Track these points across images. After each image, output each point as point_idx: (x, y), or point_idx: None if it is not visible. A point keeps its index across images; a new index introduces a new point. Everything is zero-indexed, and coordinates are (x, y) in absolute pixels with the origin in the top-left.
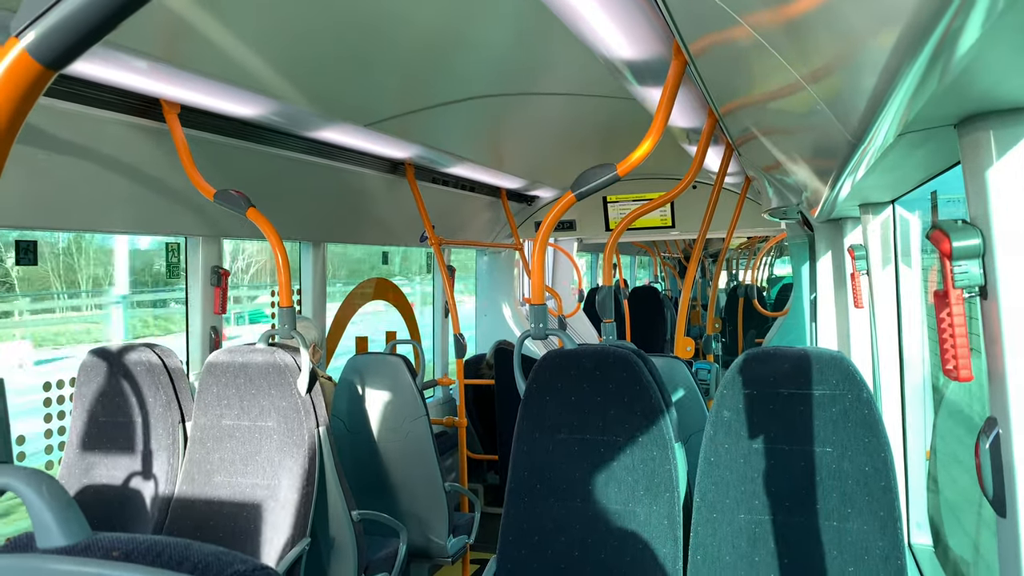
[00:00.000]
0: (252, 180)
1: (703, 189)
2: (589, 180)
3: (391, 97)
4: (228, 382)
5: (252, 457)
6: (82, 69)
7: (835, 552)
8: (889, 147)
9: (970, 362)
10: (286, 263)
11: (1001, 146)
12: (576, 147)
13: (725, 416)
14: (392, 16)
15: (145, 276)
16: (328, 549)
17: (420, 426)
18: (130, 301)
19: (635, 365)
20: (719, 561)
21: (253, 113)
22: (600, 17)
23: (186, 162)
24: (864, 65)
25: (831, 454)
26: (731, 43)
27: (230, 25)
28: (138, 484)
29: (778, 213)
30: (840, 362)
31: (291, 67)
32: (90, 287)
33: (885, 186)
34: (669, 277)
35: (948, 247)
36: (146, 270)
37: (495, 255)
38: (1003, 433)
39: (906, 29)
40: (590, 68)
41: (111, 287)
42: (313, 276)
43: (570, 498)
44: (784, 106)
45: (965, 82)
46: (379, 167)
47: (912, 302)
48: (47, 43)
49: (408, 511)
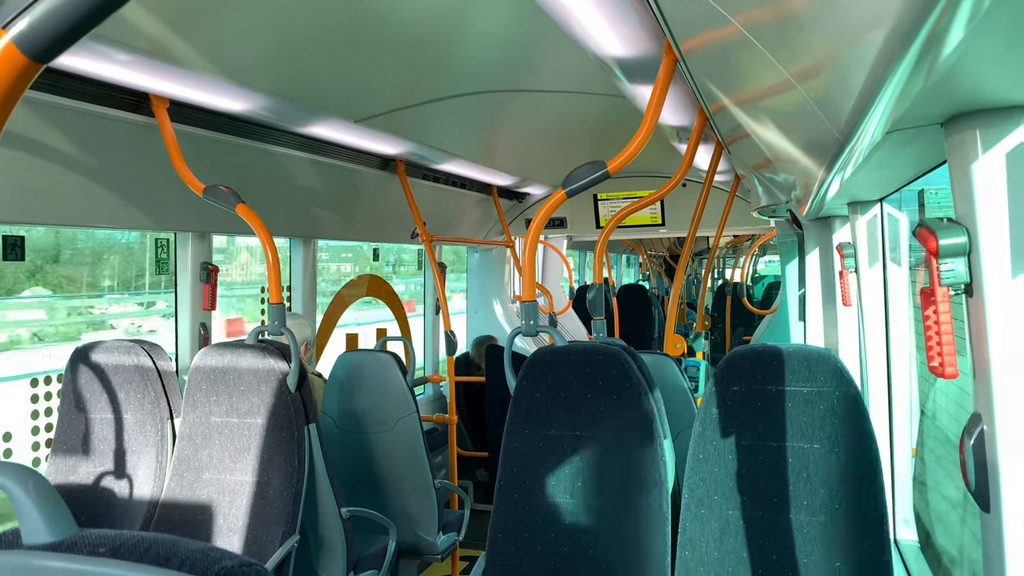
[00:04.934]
0: (242, 176)
1: (693, 187)
2: (579, 177)
3: (382, 93)
4: (217, 379)
5: (241, 454)
6: (70, 63)
7: (822, 548)
8: (877, 145)
9: (955, 359)
10: (276, 259)
11: (987, 145)
12: (567, 144)
13: (713, 413)
14: (383, 12)
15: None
16: (317, 546)
17: (410, 423)
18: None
19: (625, 362)
20: (707, 557)
21: (243, 108)
22: (591, 15)
23: (175, 157)
24: (852, 64)
25: (818, 451)
26: (721, 41)
27: (219, 19)
28: (126, 482)
29: (767, 211)
30: (828, 359)
31: (281, 62)
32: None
33: (873, 184)
34: (655, 275)
35: (935, 245)
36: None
37: (486, 252)
38: (987, 430)
39: (893, 29)
40: (581, 66)
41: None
42: (303, 273)
43: (559, 494)
44: (774, 104)
45: (951, 81)
46: (370, 163)
47: (899, 300)
48: (34, 35)
49: (398, 508)
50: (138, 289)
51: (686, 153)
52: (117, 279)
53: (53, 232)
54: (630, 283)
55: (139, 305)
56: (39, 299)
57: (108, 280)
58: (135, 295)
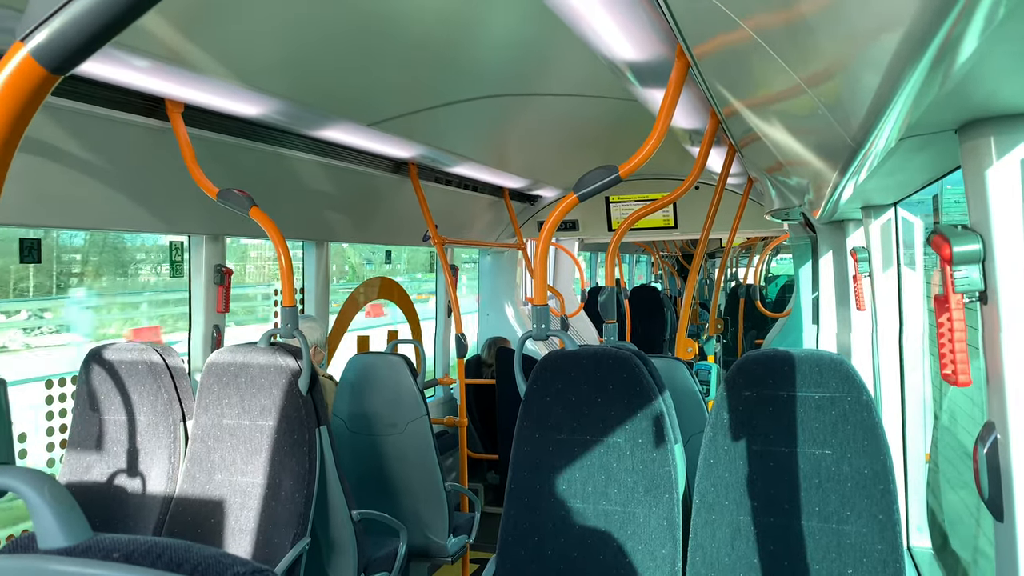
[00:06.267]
0: (255, 179)
1: (706, 190)
2: (591, 182)
3: (395, 97)
4: (229, 381)
5: (253, 456)
6: (86, 69)
7: (834, 555)
8: (891, 151)
9: (968, 367)
10: (288, 262)
11: (1001, 151)
12: (579, 148)
13: (725, 418)
14: (395, 17)
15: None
16: (328, 548)
17: (420, 425)
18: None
19: (635, 366)
20: (718, 563)
21: (257, 112)
22: (603, 19)
23: (189, 161)
24: (865, 70)
25: (830, 456)
26: (733, 46)
27: (234, 25)
28: (139, 482)
29: (780, 214)
30: (840, 365)
31: (295, 66)
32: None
33: (887, 189)
34: (668, 276)
35: (948, 252)
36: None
37: (498, 255)
38: (1001, 438)
39: (906, 36)
40: (593, 69)
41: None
42: (316, 276)
43: (570, 499)
44: (786, 109)
45: (966, 88)
46: (382, 166)
47: (914, 305)
48: (52, 48)
49: (408, 510)
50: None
51: (699, 156)
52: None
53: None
54: (642, 284)
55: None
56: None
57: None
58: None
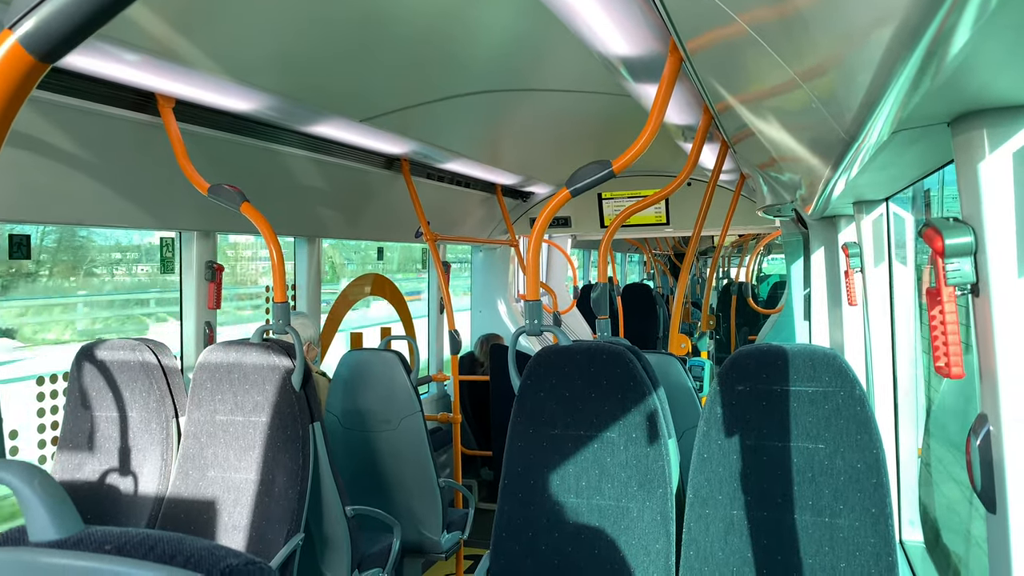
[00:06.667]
0: (246, 175)
1: (698, 186)
2: (584, 177)
3: (387, 92)
4: (222, 377)
5: (246, 452)
6: (75, 62)
7: (827, 548)
8: (883, 145)
9: (961, 359)
10: (280, 258)
11: (994, 144)
12: (571, 143)
13: (718, 412)
14: (388, 11)
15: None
16: (322, 544)
17: (414, 422)
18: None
19: (629, 362)
20: (711, 557)
21: (248, 108)
22: (596, 14)
23: (180, 157)
24: (858, 64)
25: (823, 451)
26: (727, 40)
27: (225, 19)
28: (131, 479)
29: (772, 210)
30: (833, 359)
31: (286, 62)
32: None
33: (879, 184)
34: (660, 274)
35: (940, 244)
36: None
37: (490, 251)
38: (993, 431)
39: (899, 28)
40: (586, 65)
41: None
42: (308, 272)
43: (564, 494)
44: (779, 103)
45: (958, 81)
46: (374, 162)
47: (905, 299)
48: (40, 35)
49: (402, 507)
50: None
51: (691, 152)
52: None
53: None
54: (635, 282)
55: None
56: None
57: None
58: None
